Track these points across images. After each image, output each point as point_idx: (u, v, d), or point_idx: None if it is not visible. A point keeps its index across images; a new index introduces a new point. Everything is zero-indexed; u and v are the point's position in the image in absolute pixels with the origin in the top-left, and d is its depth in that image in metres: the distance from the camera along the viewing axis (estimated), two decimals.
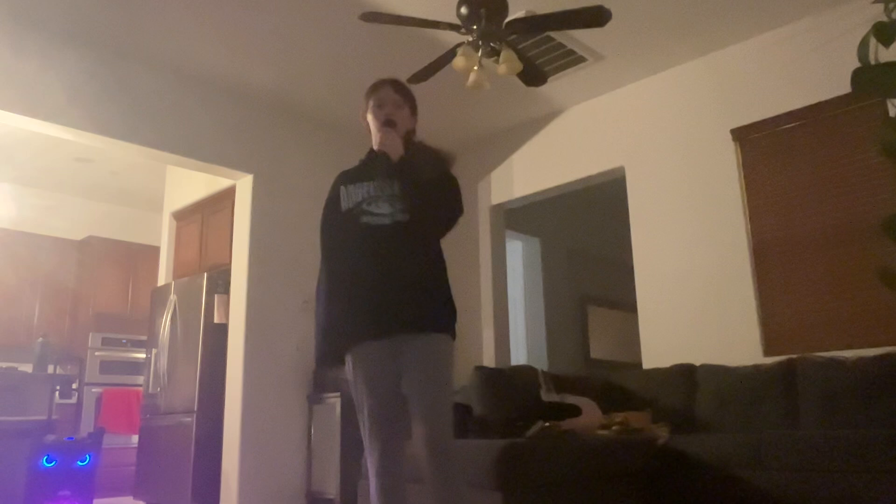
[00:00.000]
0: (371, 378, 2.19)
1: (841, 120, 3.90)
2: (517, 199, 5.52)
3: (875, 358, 3.39)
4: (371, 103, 2.36)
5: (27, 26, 4.05)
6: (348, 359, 2.24)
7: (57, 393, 5.22)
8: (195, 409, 4.77)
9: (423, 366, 2.14)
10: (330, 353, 2.27)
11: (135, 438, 5.56)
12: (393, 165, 2.25)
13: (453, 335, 2.25)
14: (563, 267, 6.81)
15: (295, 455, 4.78)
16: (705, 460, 3.27)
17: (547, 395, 3.78)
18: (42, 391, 5.01)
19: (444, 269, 2.31)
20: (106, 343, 6.55)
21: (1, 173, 6.34)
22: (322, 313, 2.29)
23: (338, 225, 2.32)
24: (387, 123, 2.29)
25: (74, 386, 6.20)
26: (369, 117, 2.36)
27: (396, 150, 2.26)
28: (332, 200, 2.37)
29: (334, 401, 4.72)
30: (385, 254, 2.20)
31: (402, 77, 2.75)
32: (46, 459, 3.96)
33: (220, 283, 5.01)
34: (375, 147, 2.35)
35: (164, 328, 5.26)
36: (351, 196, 2.29)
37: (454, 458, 2.10)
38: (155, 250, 6.37)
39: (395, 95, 2.37)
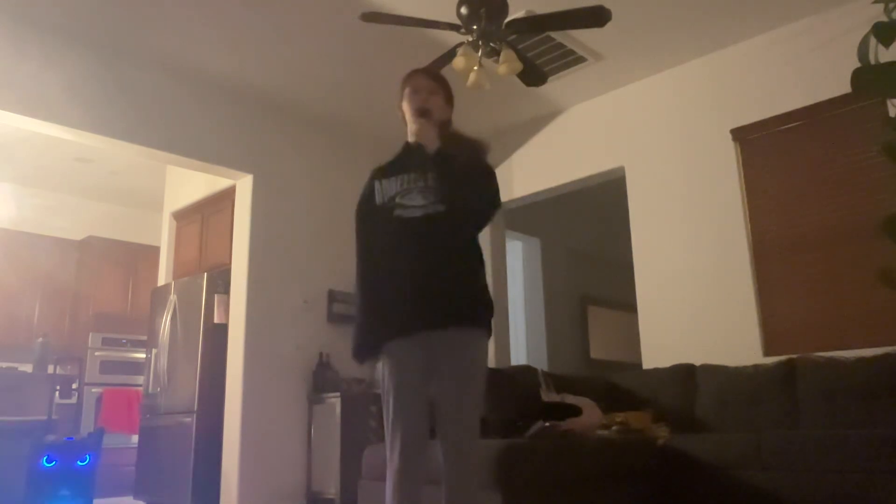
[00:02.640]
0: (398, 375, 2.16)
1: (841, 120, 3.90)
2: (517, 199, 5.51)
3: (875, 358, 3.39)
4: (406, 91, 2.33)
5: (27, 26, 4.05)
6: (381, 355, 2.21)
7: (57, 393, 5.22)
8: (195, 409, 4.77)
9: (452, 362, 2.10)
10: (364, 348, 2.25)
11: (135, 438, 5.55)
12: (429, 157, 2.21)
13: (488, 331, 2.19)
14: (563, 267, 6.80)
15: (295, 455, 4.78)
16: (705, 460, 3.27)
17: (547, 395, 3.77)
18: (42, 391, 5.01)
19: (480, 264, 2.25)
20: (106, 343, 6.54)
21: (1, 173, 6.34)
22: (357, 309, 2.28)
23: (372, 220, 2.30)
24: (422, 113, 2.25)
25: (74, 386, 6.20)
26: (405, 105, 2.32)
27: (432, 141, 2.22)
28: (366, 196, 2.34)
29: (334, 401, 4.72)
30: (416, 247, 2.17)
31: None
32: (46, 459, 3.95)
33: (220, 283, 5.01)
34: (410, 138, 2.32)
35: (164, 328, 5.26)
36: (385, 190, 2.26)
37: (473, 460, 2.06)
38: (155, 250, 6.37)
39: (430, 82, 2.34)
